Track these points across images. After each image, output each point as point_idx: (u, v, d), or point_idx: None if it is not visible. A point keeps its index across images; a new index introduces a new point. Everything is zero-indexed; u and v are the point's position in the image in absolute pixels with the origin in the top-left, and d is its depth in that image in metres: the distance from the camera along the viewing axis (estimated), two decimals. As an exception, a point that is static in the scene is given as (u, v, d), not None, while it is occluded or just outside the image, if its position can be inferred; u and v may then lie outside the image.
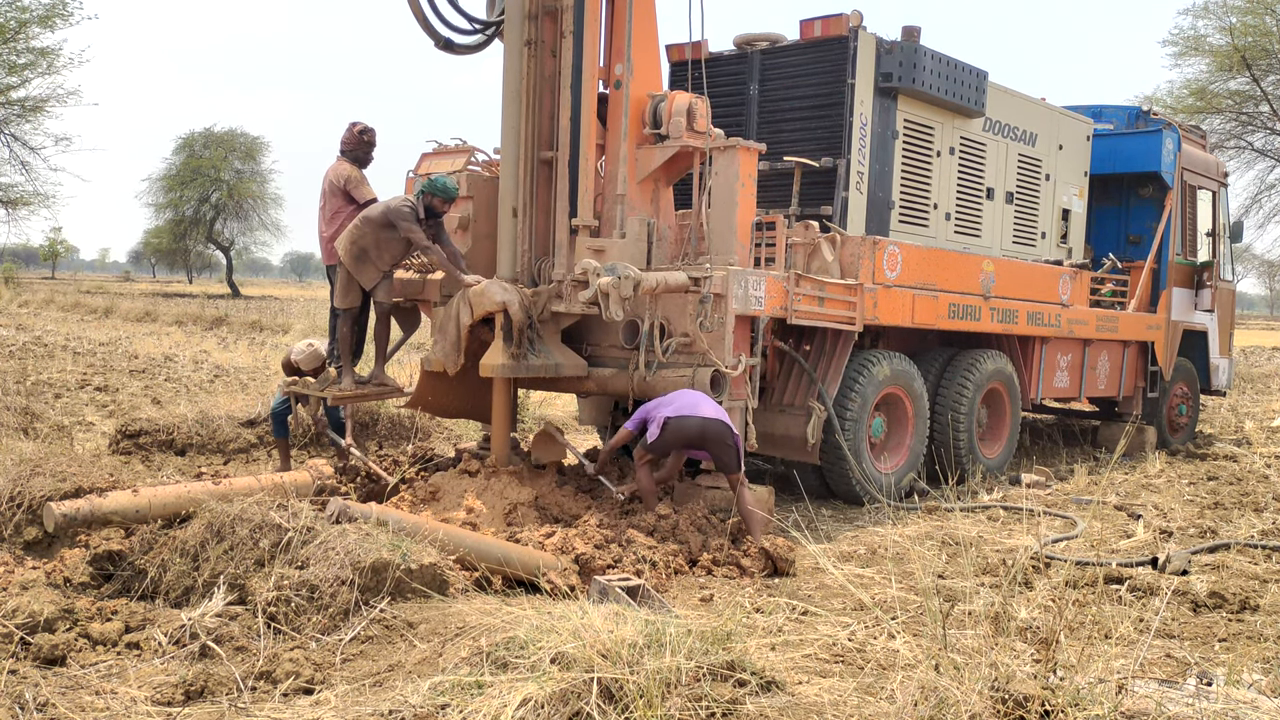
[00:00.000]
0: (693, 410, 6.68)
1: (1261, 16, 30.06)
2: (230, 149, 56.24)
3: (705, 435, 6.66)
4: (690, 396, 6.81)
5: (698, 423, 6.63)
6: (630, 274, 6.94)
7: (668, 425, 6.69)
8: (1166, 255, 12.13)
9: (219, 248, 60.68)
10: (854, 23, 8.79)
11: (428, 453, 8.42)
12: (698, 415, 6.65)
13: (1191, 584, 6.02)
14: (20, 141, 36.19)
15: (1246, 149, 33.44)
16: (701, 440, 6.70)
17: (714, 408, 6.78)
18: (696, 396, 6.82)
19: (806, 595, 5.80)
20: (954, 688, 3.67)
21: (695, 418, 6.63)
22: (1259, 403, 17.70)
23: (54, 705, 3.96)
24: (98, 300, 37.15)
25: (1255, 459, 11.21)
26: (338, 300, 7.87)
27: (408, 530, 5.35)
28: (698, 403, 6.74)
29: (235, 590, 4.93)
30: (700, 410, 6.68)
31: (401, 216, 7.39)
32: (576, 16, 7.52)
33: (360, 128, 8.21)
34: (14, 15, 32.94)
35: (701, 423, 6.63)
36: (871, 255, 8.31)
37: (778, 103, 9.26)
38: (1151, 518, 8.02)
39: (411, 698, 3.84)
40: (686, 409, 6.70)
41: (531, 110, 7.65)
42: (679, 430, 6.66)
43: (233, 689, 4.17)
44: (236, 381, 14.63)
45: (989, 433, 9.99)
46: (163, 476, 8.32)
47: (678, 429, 6.66)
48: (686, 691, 3.59)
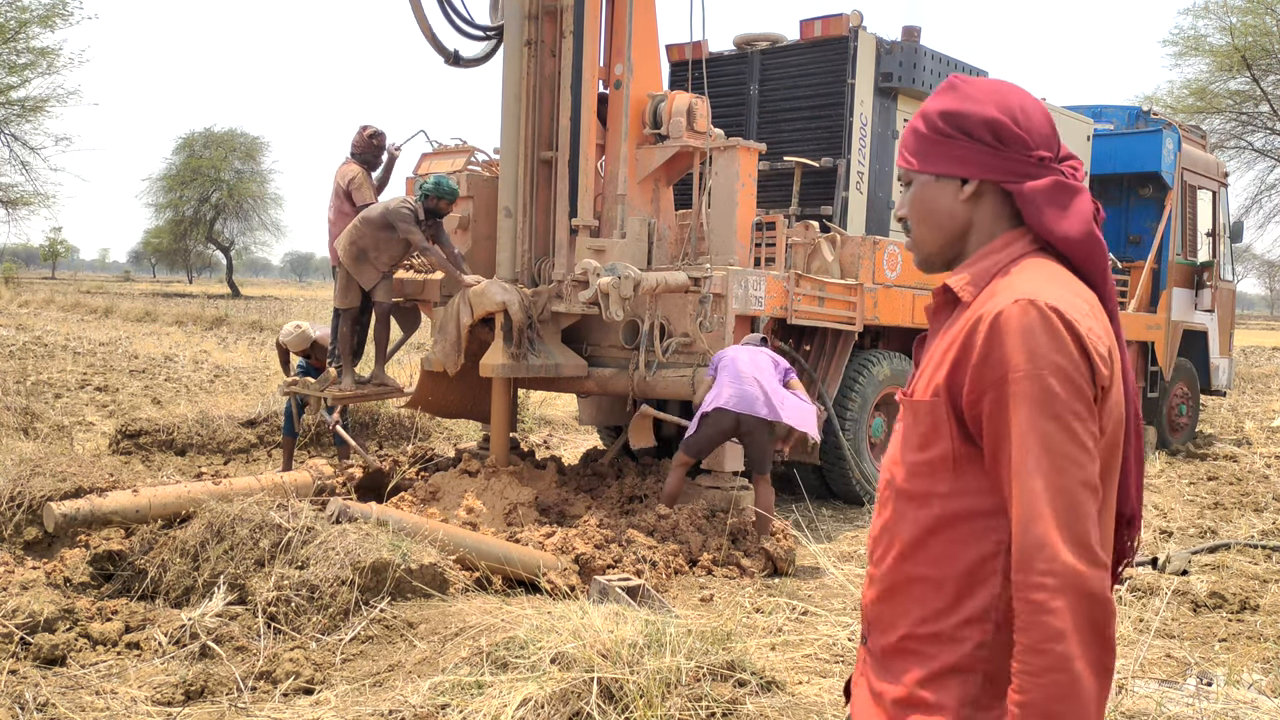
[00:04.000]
0: (746, 407, 6.47)
1: (1261, 16, 30.06)
2: (230, 149, 56.20)
3: (741, 431, 6.60)
4: (750, 391, 6.51)
5: (733, 418, 6.52)
6: (630, 274, 6.94)
7: (705, 420, 6.63)
8: (1166, 255, 12.13)
9: (219, 248, 60.66)
10: (854, 23, 8.79)
11: (428, 453, 8.42)
12: (739, 413, 6.49)
13: (1191, 584, 6.02)
14: (20, 141, 36.22)
15: (1246, 149, 33.45)
16: (737, 435, 6.66)
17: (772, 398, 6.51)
18: (756, 391, 6.51)
19: (806, 595, 5.80)
20: (954, 688, 3.67)
21: (731, 413, 6.50)
22: (1259, 403, 17.70)
23: (54, 705, 3.96)
24: (98, 300, 37.16)
25: (1255, 459, 11.21)
26: (337, 300, 7.87)
27: (408, 530, 5.35)
28: (755, 399, 6.48)
29: (235, 590, 4.93)
30: (753, 405, 6.47)
31: (400, 218, 7.39)
32: (576, 16, 7.52)
33: (370, 131, 8.24)
34: (14, 15, 32.95)
35: (736, 418, 6.53)
36: (871, 255, 8.31)
37: (778, 103, 9.26)
38: (1151, 518, 8.02)
39: (411, 698, 3.84)
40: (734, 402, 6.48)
41: (531, 110, 7.65)
42: (717, 424, 6.60)
43: (233, 689, 4.17)
44: (236, 381, 14.63)
45: (989, 433, 9.98)
46: (163, 476, 8.32)
47: (716, 423, 6.59)
48: (686, 691, 3.59)
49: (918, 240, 1.66)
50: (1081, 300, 1.49)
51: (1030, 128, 1.56)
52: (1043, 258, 1.55)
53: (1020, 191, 1.56)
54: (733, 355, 6.73)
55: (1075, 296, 1.48)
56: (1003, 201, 1.59)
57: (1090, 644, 1.36)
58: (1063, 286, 1.49)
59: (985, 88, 1.60)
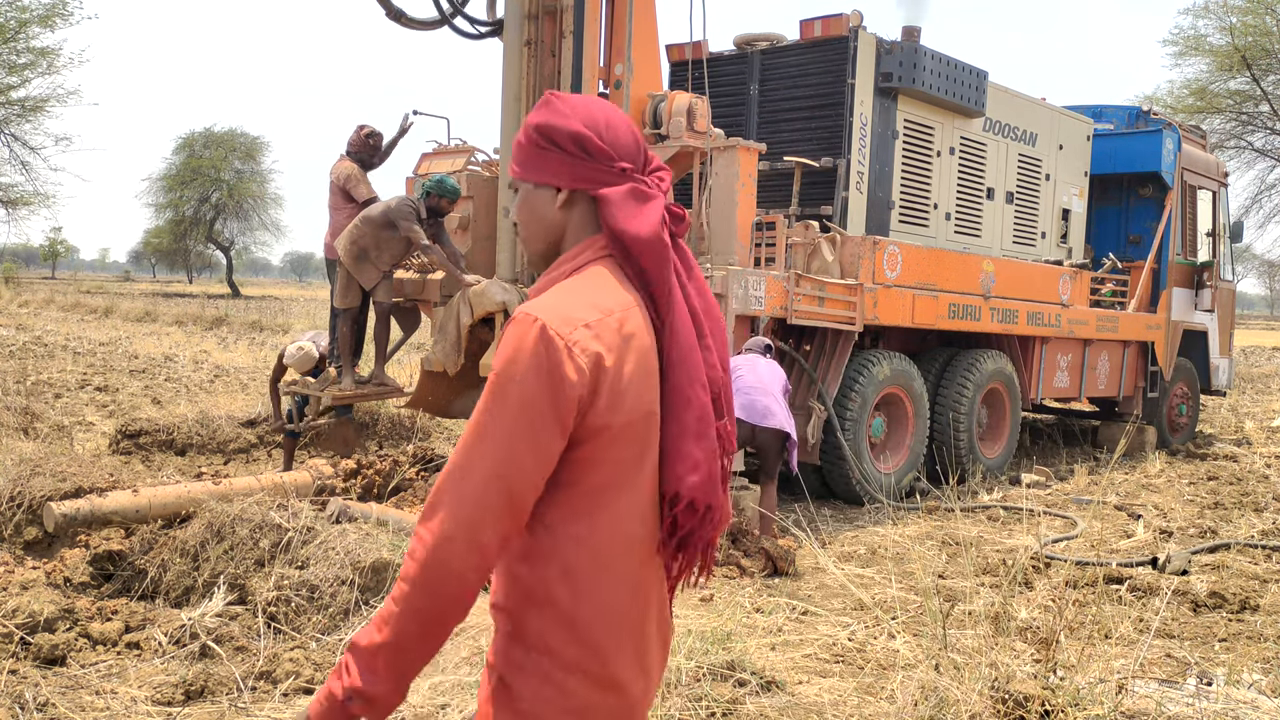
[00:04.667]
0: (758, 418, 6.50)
1: (1261, 16, 30.07)
2: (230, 149, 56.20)
3: (756, 439, 6.62)
4: (763, 402, 6.55)
5: (749, 429, 6.56)
6: (630, 274, 6.93)
7: None
8: (1166, 255, 12.13)
9: (219, 248, 60.66)
10: (854, 23, 8.78)
11: (428, 453, 8.41)
12: (752, 423, 6.51)
13: (1191, 584, 6.02)
14: (20, 141, 36.24)
15: (1246, 149, 33.47)
16: (752, 444, 6.69)
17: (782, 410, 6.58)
18: (770, 402, 6.56)
19: (806, 595, 5.80)
20: (954, 688, 3.68)
21: (747, 424, 6.52)
22: (1259, 403, 17.70)
23: (54, 705, 3.96)
24: (98, 300, 37.14)
25: (1255, 459, 11.21)
26: (337, 300, 7.87)
27: (408, 530, 5.35)
28: (770, 411, 6.51)
29: (235, 590, 4.93)
30: (766, 417, 6.50)
31: (402, 215, 7.40)
32: (576, 16, 7.52)
33: (367, 131, 8.24)
34: (14, 15, 32.95)
35: (752, 429, 6.55)
36: (871, 255, 8.31)
37: (778, 103, 9.26)
38: (1151, 518, 8.02)
39: (411, 698, 3.84)
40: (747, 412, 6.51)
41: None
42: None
43: (233, 689, 4.17)
44: (236, 381, 14.63)
45: (989, 433, 9.99)
46: (163, 476, 8.31)
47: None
48: (686, 691, 3.59)
49: (525, 241, 1.86)
50: (596, 311, 1.66)
51: (614, 141, 1.75)
52: (603, 265, 1.75)
53: (600, 196, 1.74)
54: (742, 362, 6.78)
55: (590, 308, 1.66)
56: (592, 208, 1.77)
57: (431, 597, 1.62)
58: (582, 298, 1.68)
59: (575, 104, 1.77)
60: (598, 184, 1.74)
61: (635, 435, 1.70)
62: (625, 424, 1.67)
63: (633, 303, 1.72)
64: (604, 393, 1.64)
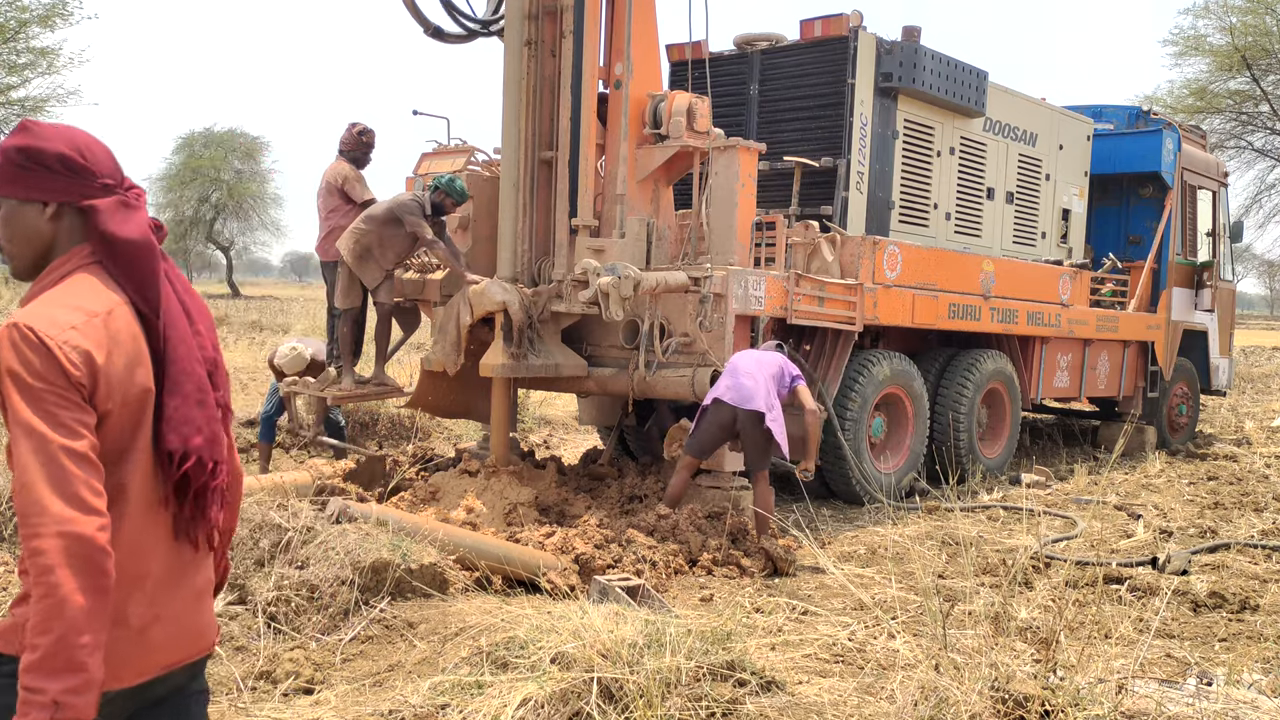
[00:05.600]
0: (741, 401, 6.55)
1: (1261, 16, 30.09)
2: (230, 149, 56.15)
3: (738, 425, 6.62)
4: (747, 385, 6.57)
5: (730, 412, 6.58)
6: (630, 274, 6.94)
7: (704, 414, 6.68)
8: (1166, 255, 12.13)
9: (219, 248, 60.62)
10: (854, 23, 8.78)
11: (428, 453, 8.42)
12: (735, 406, 6.54)
13: (1191, 584, 6.02)
14: (20, 141, 36.14)
15: (1246, 149, 33.49)
16: (735, 430, 6.67)
17: (764, 394, 6.57)
18: (755, 385, 6.56)
19: (806, 595, 5.80)
20: (954, 688, 3.68)
21: (729, 406, 6.56)
22: (1259, 403, 17.70)
23: (54, 705, 3.95)
24: (98, 300, 37.01)
25: (1255, 459, 11.21)
26: (339, 300, 7.86)
27: (408, 530, 5.35)
28: (753, 394, 6.54)
29: (235, 590, 4.93)
30: (747, 400, 6.54)
31: (408, 210, 7.40)
32: (576, 16, 7.52)
33: (359, 128, 8.21)
34: (14, 15, 32.94)
35: (733, 411, 6.58)
36: (871, 255, 8.31)
37: (778, 103, 9.26)
38: (1151, 518, 8.02)
39: (411, 698, 3.84)
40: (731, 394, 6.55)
41: (531, 110, 7.65)
42: (715, 418, 6.63)
43: (232, 689, 4.17)
44: (236, 381, 14.62)
45: (989, 433, 9.99)
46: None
47: (714, 417, 6.63)
48: (686, 691, 3.59)
49: (11, 255, 2.02)
50: (80, 314, 1.87)
51: (94, 160, 1.99)
52: (88, 272, 1.96)
53: (92, 207, 1.97)
54: (741, 354, 6.78)
55: (73, 311, 1.87)
56: (79, 220, 1.98)
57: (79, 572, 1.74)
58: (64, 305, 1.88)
59: (54, 130, 1.99)
60: (84, 197, 1.97)
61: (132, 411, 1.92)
62: (120, 405, 1.90)
63: (119, 301, 1.95)
64: (101, 384, 1.86)
